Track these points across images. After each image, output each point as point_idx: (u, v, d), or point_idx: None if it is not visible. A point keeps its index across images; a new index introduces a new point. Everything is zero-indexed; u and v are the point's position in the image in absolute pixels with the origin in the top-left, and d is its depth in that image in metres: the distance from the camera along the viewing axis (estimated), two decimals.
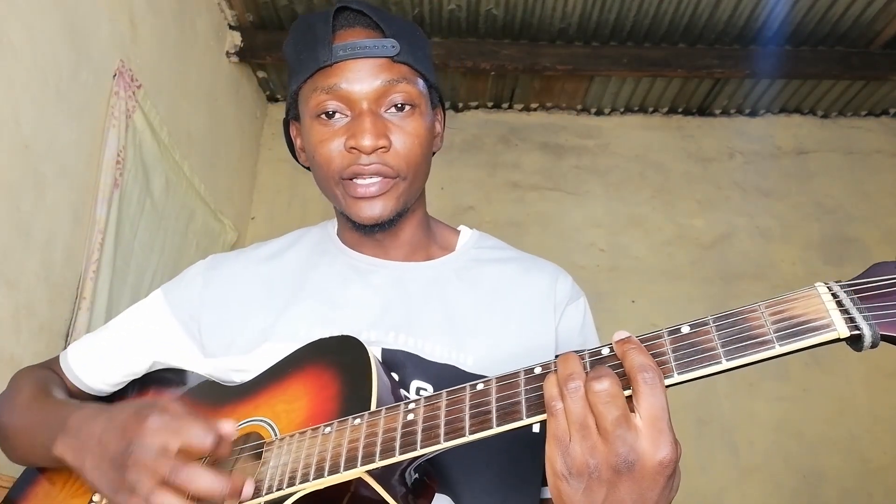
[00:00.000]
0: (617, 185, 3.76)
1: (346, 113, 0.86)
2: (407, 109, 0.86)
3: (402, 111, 0.86)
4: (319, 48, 0.85)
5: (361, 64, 0.84)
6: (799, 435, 3.27)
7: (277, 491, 0.67)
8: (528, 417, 0.59)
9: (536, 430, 0.77)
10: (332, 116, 0.86)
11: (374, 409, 0.68)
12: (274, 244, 1.02)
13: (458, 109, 3.89)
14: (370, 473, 0.64)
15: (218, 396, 0.88)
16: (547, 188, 3.75)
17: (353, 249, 0.97)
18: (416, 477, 0.71)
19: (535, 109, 3.90)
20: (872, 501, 3.16)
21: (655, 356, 0.57)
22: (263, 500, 0.68)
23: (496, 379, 0.63)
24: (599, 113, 3.90)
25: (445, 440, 0.61)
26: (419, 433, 0.62)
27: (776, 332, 0.54)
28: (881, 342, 0.52)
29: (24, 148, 1.81)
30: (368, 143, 0.82)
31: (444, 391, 0.65)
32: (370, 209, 0.86)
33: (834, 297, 0.54)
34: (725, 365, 0.55)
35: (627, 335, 0.58)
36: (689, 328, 0.57)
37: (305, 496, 0.67)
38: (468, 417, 0.61)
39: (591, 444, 0.55)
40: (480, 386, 0.63)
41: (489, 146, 3.84)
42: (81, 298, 2.05)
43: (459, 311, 0.90)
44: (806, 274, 3.45)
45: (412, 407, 0.65)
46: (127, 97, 2.26)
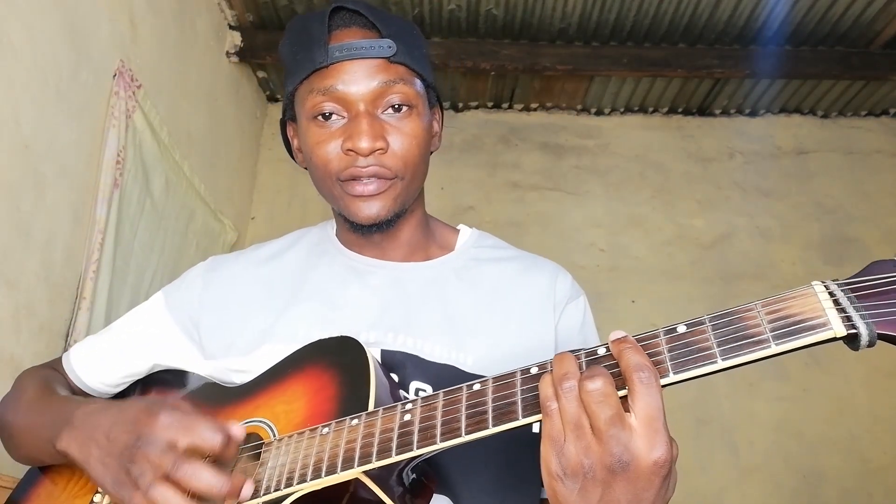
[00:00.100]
0: (617, 185, 3.76)
1: (342, 114, 0.85)
2: (404, 110, 0.86)
3: (399, 112, 0.85)
4: (315, 49, 0.84)
5: (358, 65, 0.84)
6: (799, 435, 3.27)
7: (276, 491, 0.67)
8: (523, 418, 0.59)
9: (536, 430, 0.77)
10: (328, 118, 0.85)
11: (371, 409, 0.68)
12: (273, 245, 1.02)
13: (458, 109, 3.89)
14: (367, 474, 0.64)
15: (218, 397, 0.89)
16: (547, 188, 3.75)
17: (351, 250, 0.96)
18: (413, 477, 0.71)
19: (535, 109, 3.90)
20: (872, 501, 3.16)
21: (651, 356, 0.57)
22: (262, 500, 0.68)
23: (492, 379, 0.63)
24: (599, 113, 3.89)
25: (442, 440, 0.61)
26: (415, 434, 0.62)
27: (772, 331, 0.54)
28: (878, 341, 0.52)
29: (24, 148, 1.81)
30: (365, 145, 0.82)
31: (440, 391, 0.65)
32: (368, 209, 0.85)
33: (831, 295, 0.54)
34: (721, 364, 0.55)
35: (624, 335, 0.58)
36: (685, 328, 0.57)
37: (304, 497, 0.67)
38: (464, 418, 0.61)
39: (585, 443, 0.55)
40: (477, 386, 0.63)
41: (489, 146, 3.84)
42: (81, 298, 2.05)
43: (459, 310, 0.90)
44: (806, 274, 3.45)
45: (409, 407, 0.65)
46: (127, 97, 2.26)
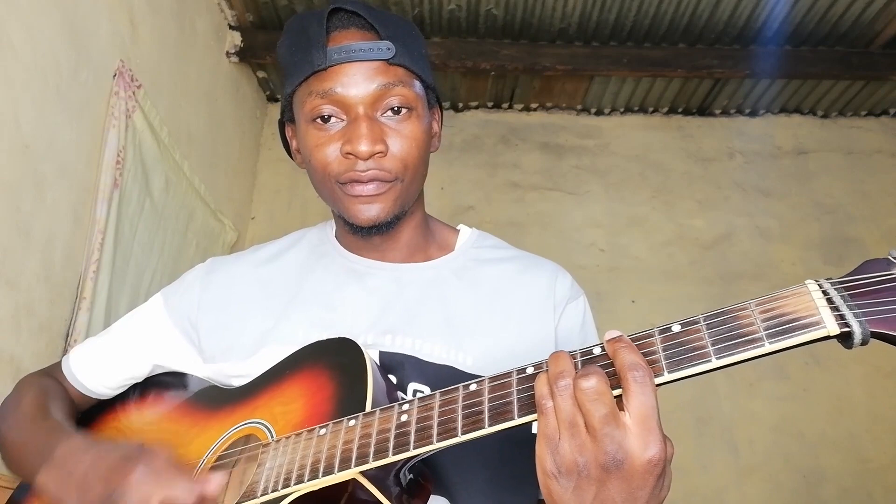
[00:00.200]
0: (617, 185, 3.76)
1: (341, 117, 0.84)
2: (403, 113, 0.85)
3: (398, 114, 0.85)
4: (314, 51, 0.83)
5: (357, 67, 0.83)
6: (799, 435, 3.27)
7: (273, 492, 0.67)
8: (519, 417, 0.59)
9: (534, 430, 0.77)
10: (327, 121, 0.84)
11: (368, 410, 0.69)
12: (272, 246, 1.02)
13: (458, 109, 3.89)
14: (364, 474, 0.65)
15: (217, 399, 0.89)
16: (547, 188, 3.75)
17: (351, 252, 0.96)
18: (410, 477, 0.71)
19: (535, 109, 3.90)
20: (872, 501, 3.16)
21: (646, 355, 0.57)
22: (260, 501, 0.68)
23: (489, 379, 0.63)
24: (599, 113, 3.90)
25: (438, 440, 0.61)
26: (412, 434, 0.63)
27: (766, 329, 0.54)
28: (872, 339, 0.52)
29: (24, 148, 1.81)
30: (365, 148, 0.81)
31: (437, 392, 0.65)
32: (367, 211, 0.85)
33: (824, 294, 0.55)
34: (716, 363, 0.55)
35: (619, 334, 0.59)
36: (679, 327, 0.58)
37: (302, 497, 0.67)
38: (461, 418, 0.61)
39: (579, 442, 0.55)
40: (473, 386, 0.63)
41: (489, 146, 3.84)
42: (81, 298, 2.05)
43: (458, 311, 0.90)
44: (806, 274, 3.44)
45: (406, 408, 0.65)
46: (127, 97, 2.27)
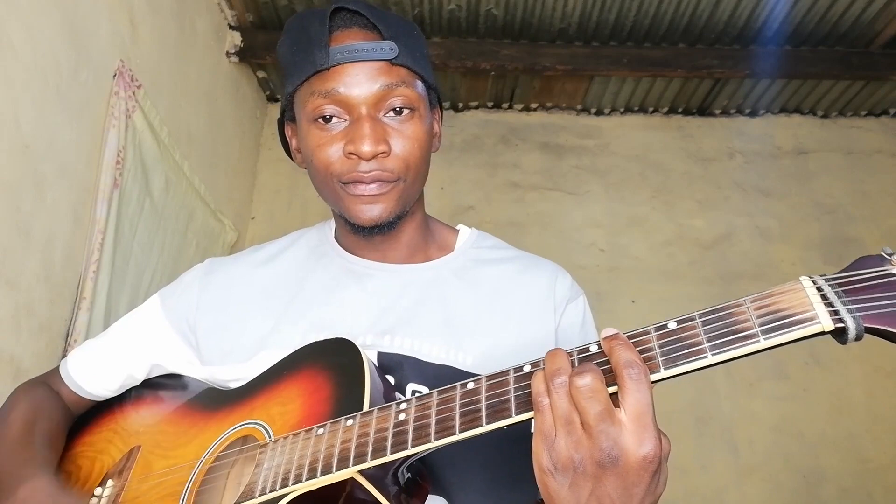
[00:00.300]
0: (617, 185, 3.76)
1: (344, 117, 0.84)
2: (406, 113, 0.85)
3: (400, 115, 0.84)
4: (316, 50, 0.83)
5: (359, 68, 0.82)
6: (799, 435, 3.27)
7: (271, 492, 0.67)
8: (517, 415, 0.60)
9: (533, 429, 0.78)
10: (329, 120, 0.84)
11: (366, 410, 0.69)
12: (271, 247, 1.02)
13: (458, 109, 3.89)
14: (363, 473, 0.65)
15: (214, 400, 0.89)
16: (547, 188, 3.75)
17: (350, 253, 0.96)
18: (408, 476, 0.71)
19: (535, 109, 3.90)
20: (872, 501, 3.16)
21: (642, 352, 0.57)
22: (258, 501, 0.68)
23: (486, 377, 0.64)
24: (599, 113, 3.90)
25: (436, 439, 0.61)
26: (410, 432, 0.63)
27: (761, 325, 0.55)
28: (866, 335, 0.53)
29: (24, 148, 1.81)
30: (368, 148, 0.81)
31: (435, 391, 0.65)
32: (370, 211, 0.85)
33: (818, 290, 0.55)
34: (711, 359, 0.56)
35: (615, 332, 0.59)
36: (675, 324, 0.58)
37: (300, 497, 0.67)
38: (458, 416, 0.62)
39: (575, 439, 0.56)
40: (471, 385, 0.64)
41: (489, 146, 3.84)
42: (81, 298, 2.05)
43: (458, 311, 0.90)
44: (806, 274, 3.45)
45: (404, 407, 0.65)
46: (127, 97, 2.27)
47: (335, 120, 0.84)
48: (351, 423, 0.67)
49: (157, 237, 2.53)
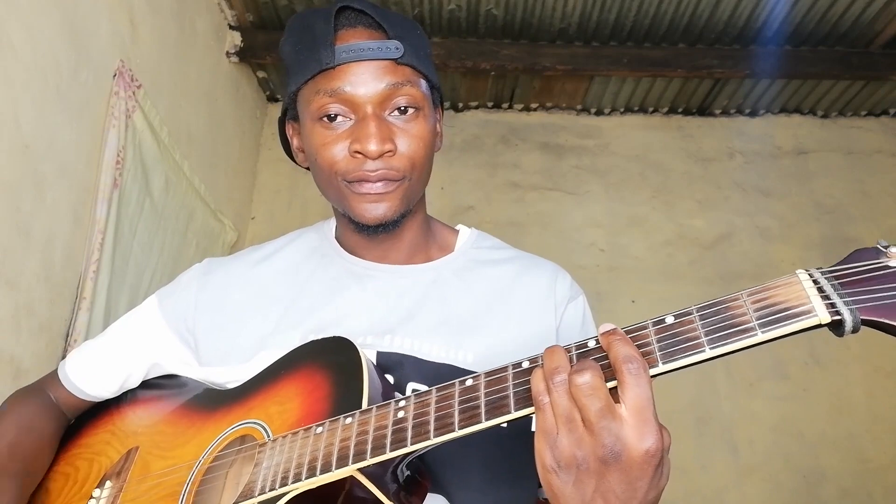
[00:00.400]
0: (617, 185, 3.76)
1: (349, 116, 0.84)
2: (411, 112, 0.85)
3: (405, 114, 0.84)
4: (321, 49, 0.83)
5: (365, 66, 0.82)
6: (799, 435, 3.27)
7: (270, 491, 0.67)
8: (516, 411, 0.60)
9: (534, 429, 0.77)
10: (334, 119, 0.84)
11: (365, 408, 0.69)
12: (269, 247, 1.02)
13: (458, 109, 3.89)
14: (362, 471, 0.65)
15: (213, 400, 0.89)
16: (547, 188, 3.75)
17: (351, 253, 0.95)
18: (408, 474, 0.71)
19: (535, 109, 3.90)
20: (872, 501, 3.16)
21: (640, 347, 0.58)
22: (257, 500, 0.68)
23: (485, 374, 0.64)
24: (599, 113, 3.90)
25: (435, 436, 0.61)
26: (409, 430, 0.63)
27: (758, 319, 0.55)
28: (862, 327, 0.53)
29: (24, 148, 1.81)
30: (374, 147, 0.81)
31: (433, 388, 0.65)
32: (375, 210, 0.84)
33: (815, 283, 0.55)
34: (709, 353, 0.56)
35: (613, 327, 0.59)
36: (673, 318, 0.58)
37: (299, 496, 0.67)
38: (457, 413, 0.62)
39: (577, 436, 0.56)
40: (469, 382, 0.64)
41: (489, 146, 3.84)
42: (81, 298, 2.05)
43: (458, 311, 0.90)
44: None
45: (403, 405, 0.65)
46: (127, 97, 2.27)
47: (340, 119, 0.84)
48: (350, 421, 0.67)
49: (156, 237, 2.53)
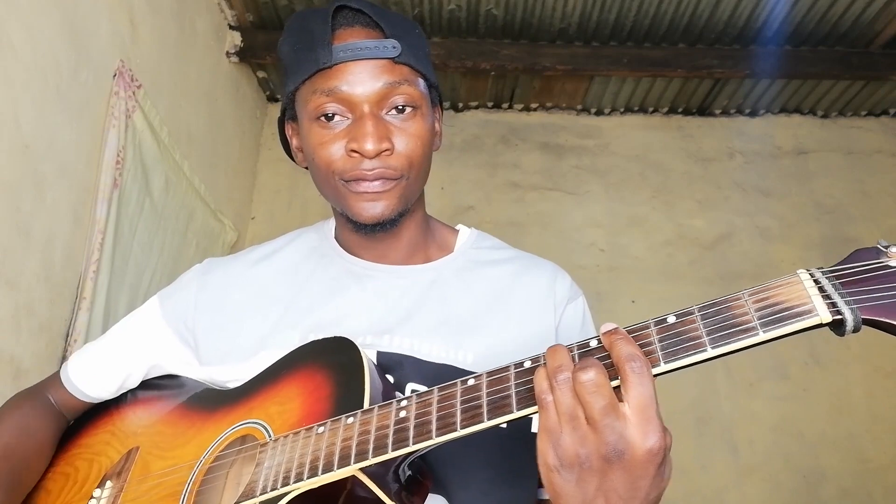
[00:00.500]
0: (617, 185, 3.76)
1: (346, 115, 0.84)
2: (408, 111, 0.85)
3: (403, 113, 0.84)
4: (318, 48, 0.83)
5: (362, 66, 0.82)
6: (799, 435, 3.27)
7: (272, 491, 0.67)
8: (518, 410, 0.60)
9: (535, 429, 0.77)
10: (331, 119, 0.84)
11: (367, 407, 0.68)
12: (269, 247, 1.02)
13: (458, 109, 3.89)
14: (364, 471, 0.65)
15: (213, 401, 0.89)
16: (547, 188, 3.75)
17: (350, 253, 0.95)
18: (409, 474, 0.71)
19: (535, 109, 3.90)
20: (872, 501, 3.16)
21: (642, 346, 0.58)
22: (258, 500, 0.68)
23: (486, 374, 0.64)
24: (599, 113, 3.90)
25: (437, 435, 0.61)
26: (411, 429, 0.63)
27: (760, 318, 0.55)
28: (863, 327, 0.53)
29: (24, 148, 1.81)
30: (371, 146, 0.81)
31: (435, 388, 0.65)
32: (372, 209, 0.84)
33: (816, 283, 0.55)
34: (711, 353, 0.56)
35: (615, 326, 0.59)
36: (674, 318, 0.58)
37: (301, 496, 0.67)
38: (459, 412, 0.62)
39: (580, 434, 0.56)
40: (471, 381, 0.64)
41: (489, 146, 3.84)
42: (81, 298, 2.05)
43: (458, 311, 0.90)
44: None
45: (404, 404, 0.65)
46: (127, 97, 2.27)
47: (338, 118, 0.84)
48: (352, 420, 0.67)
49: (156, 237, 2.53)
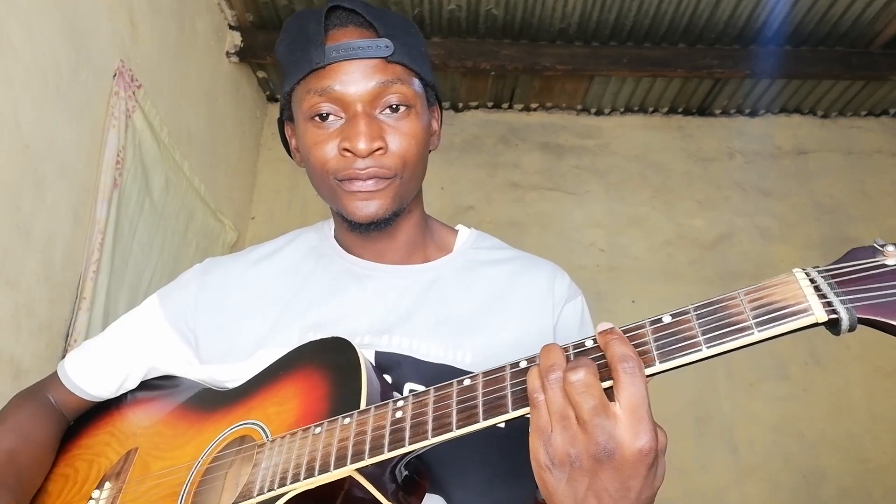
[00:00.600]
0: (617, 185, 3.76)
1: (340, 115, 0.84)
2: (402, 110, 0.85)
3: (396, 112, 0.85)
4: (312, 49, 0.83)
5: (355, 65, 0.83)
6: (799, 435, 3.27)
7: (269, 492, 0.67)
8: (513, 410, 0.60)
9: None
10: (325, 118, 0.84)
11: (363, 408, 0.69)
12: (269, 246, 1.02)
13: (458, 109, 3.89)
14: (361, 471, 0.65)
15: (211, 401, 0.89)
16: (547, 188, 3.75)
17: (349, 253, 0.96)
18: (406, 474, 0.71)
19: (535, 109, 3.90)
20: (872, 501, 3.16)
21: (637, 346, 0.58)
22: (256, 500, 0.68)
23: (482, 374, 0.64)
24: (599, 113, 3.90)
25: (433, 435, 0.61)
26: (407, 430, 0.63)
27: (755, 318, 0.55)
28: (859, 326, 0.53)
29: (24, 148, 1.81)
30: (363, 146, 0.81)
31: (431, 388, 0.65)
32: (366, 208, 0.85)
33: (811, 282, 0.55)
34: (706, 352, 0.56)
35: (610, 326, 0.59)
36: (670, 318, 0.58)
37: (298, 496, 0.67)
38: (455, 413, 0.62)
39: (571, 434, 0.56)
40: (467, 381, 0.64)
41: (489, 146, 3.84)
42: (81, 298, 2.05)
43: (457, 311, 0.90)
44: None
45: (400, 405, 0.66)
46: (127, 97, 2.27)
47: (331, 118, 0.84)
48: (348, 421, 0.67)
49: (156, 237, 2.54)
